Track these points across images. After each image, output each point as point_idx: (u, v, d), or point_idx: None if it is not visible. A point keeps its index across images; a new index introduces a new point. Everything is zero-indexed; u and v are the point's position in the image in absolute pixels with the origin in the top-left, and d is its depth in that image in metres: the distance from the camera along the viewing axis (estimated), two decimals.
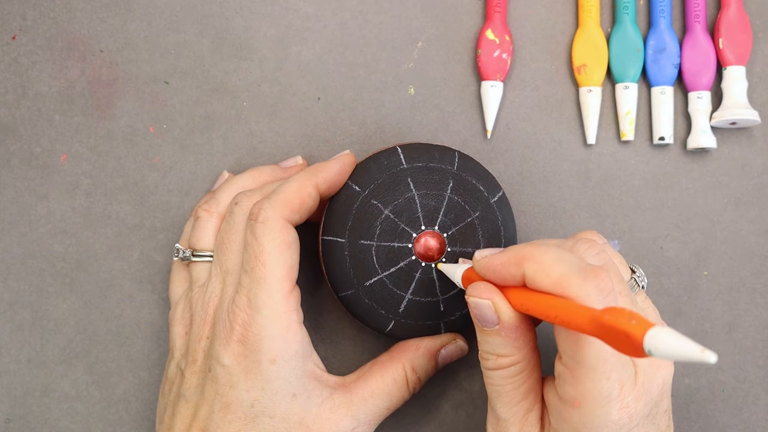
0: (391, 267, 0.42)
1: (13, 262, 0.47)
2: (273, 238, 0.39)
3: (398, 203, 0.42)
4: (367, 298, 0.42)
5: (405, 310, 0.42)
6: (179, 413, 0.40)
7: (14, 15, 0.48)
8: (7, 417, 0.46)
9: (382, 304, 0.42)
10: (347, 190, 0.42)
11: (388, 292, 0.42)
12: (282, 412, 0.39)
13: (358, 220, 0.42)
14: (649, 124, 0.47)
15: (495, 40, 0.46)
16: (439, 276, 0.42)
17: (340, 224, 0.42)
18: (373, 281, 0.42)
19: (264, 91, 0.47)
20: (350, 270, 0.42)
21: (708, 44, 0.46)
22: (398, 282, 0.42)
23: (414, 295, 0.42)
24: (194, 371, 0.40)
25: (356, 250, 0.42)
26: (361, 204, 0.42)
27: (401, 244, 0.42)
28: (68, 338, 0.47)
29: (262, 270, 0.39)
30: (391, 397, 0.41)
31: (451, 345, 0.43)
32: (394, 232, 0.42)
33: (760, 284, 0.46)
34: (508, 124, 0.47)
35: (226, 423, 0.38)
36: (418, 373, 0.42)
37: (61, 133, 0.47)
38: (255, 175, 0.44)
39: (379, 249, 0.42)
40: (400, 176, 0.42)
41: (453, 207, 0.42)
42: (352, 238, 0.42)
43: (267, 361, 0.38)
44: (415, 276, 0.42)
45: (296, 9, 0.48)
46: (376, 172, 0.42)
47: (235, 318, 0.39)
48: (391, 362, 0.42)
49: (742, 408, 0.46)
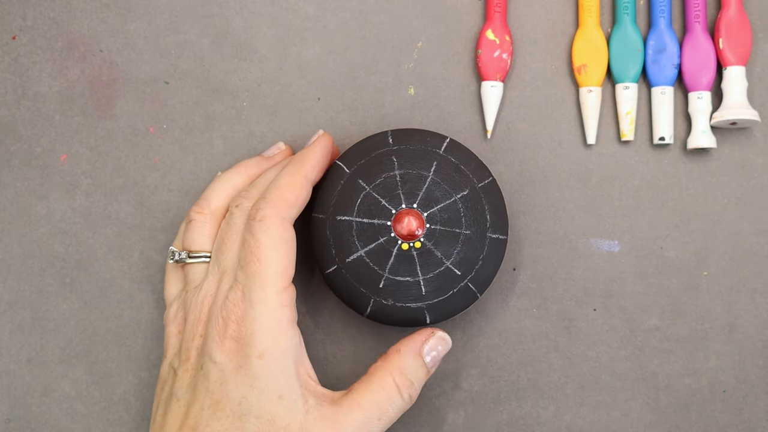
0: (370, 243, 0.42)
1: (13, 262, 0.47)
2: (269, 234, 0.39)
3: (381, 181, 0.42)
4: (349, 275, 0.42)
5: (384, 288, 0.42)
6: (171, 412, 0.40)
7: (14, 15, 0.48)
8: (7, 417, 0.46)
9: (362, 281, 0.42)
10: (335, 169, 0.43)
11: (368, 270, 0.42)
12: (268, 413, 0.38)
13: (341, 197, 0.42)
14: (649, 124, 0.47)
15: (495, 40, 0.46)
16: (419, 254, 0.42)
17: (326, 202, 0.43)
18: (353, 258, 0.42)
19: (264, 91, 0.47)
20: (332, 246, 0.42)
21: (708, 44, 0.46)
22: (377, 259, 0.42)
23: (392, 273, 0.42)
24: (186, 369, 0.40)
25: (337, 226, 0.42)
26: (346, 182, 0.43)
27: (380, 221, 0.42)
28: (68, 338, 0.47)
29: (257, 265, 0.39)
30: (381, 406, 0.40)
31: (431, 339, 0.42)
32: (374, 208, 0.42)
33: (760, 284, 0.46)
34: (508, 124, 0.47)
35: (215, 421, 0.38)
36: (408, 376, 0.41)
37: (61, 133, 0.47)
38: (242, 170, 0.45)
39: (359, 225, 0.42)
40: (386, 155, 0.43)
41: (435, 187, 0.42)
42: (335, 214, 0.42)
43: (255, 356, 0.38)
44: (392, 253, 0.42)
45: (296, 9, 0.48)
46: (364, 153, 0.43)
47: (229, 315, 0.39)
48: (376, 371, 0.41)
49: (742, 408, 0.46)
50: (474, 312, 0.46)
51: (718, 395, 0.46)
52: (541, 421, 0.46)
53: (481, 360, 0.46)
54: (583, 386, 0.46)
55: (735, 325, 0.46)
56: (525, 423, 0.46)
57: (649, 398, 0.46)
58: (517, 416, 0.46)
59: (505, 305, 0.46)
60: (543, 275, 0.46)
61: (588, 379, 0.46)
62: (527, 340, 0.46)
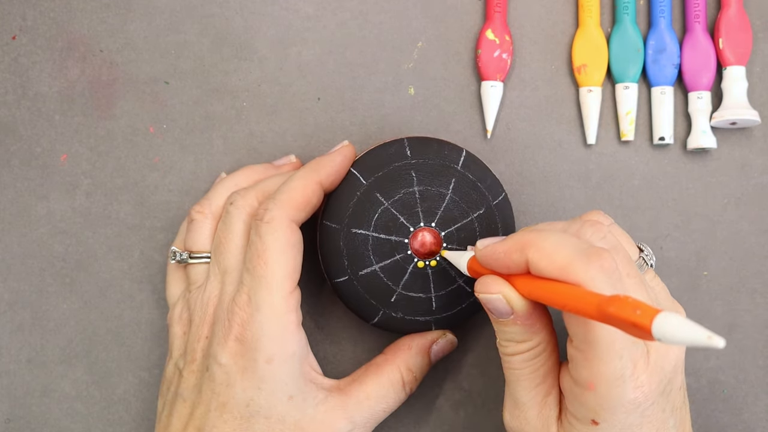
0: (386, 259, 0.42)
1: (13, 262, 0.47)
2: (277, 237, 0.39)
3: (399, 197, 0.42)
4: (360, 287, 0.42)
5: (395, 302, 0.42)
6: (176, 412, 0.40)
7: (14, 15, 0.48)
8: (7, 417, 0.46)
9: (373, 294, 0.42)
10: (351, 178, 0.42)
11: (381, 284, 0.42)
12: (278, 413, 0.39)
13: (358, 209, 0.42)
14: (649, 124, 0.47)
15: (495, 40, 0.46)
16: (433, 272, 0.42)
17: (340, 211, 0.42)
18: (367, 272, 0.42)
19: (264, 91, 0.47)
20: (345, 258, 0.42)
21: (708, 44, 0.46)
22: (391, 275, 0.42)
23: (405, 289, 0.42)
24: (192, 371, 0.40)
25: (352, 238, 0.42)
26: (363, 194, 0.42)
27: (398, 238, 0.42)
28: (68, 338, 0.47)
29: (264, 269, 0.39)
30: (387, 398, 0.41)
31: (441, 340, 0.43)
32: (392, 225, 0.42)
33: (760, 284, 0.46)
34: (508, 124, 0.47)
35: (222, 422, 0.38)
36: (413, 371, 0.42)
37: (61, 133, 0.47)
38: (248, 174, 0.44)
39: (375, 240, 0.42)
40: (404, 169, 0.42)
41: (454, 205, 0.42)
42: (350, 226, 0.42)
43: (263, 361, 0.39)
44: (407, 270, 0.42)
45: (296, 9, 0.48)
46: (381, 163, 0.42)
47: (234, 317, 0.39)
48: (385, 364, 0.42)
49: (742, 408, 0.46)
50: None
51: (718, 395, 0.46)
52: None
53: (481, 360, 0.46)
54: None
55: (735, 325, 0.46)
56: None
57: None
58: None
59: None
60: None
61: None
62: None
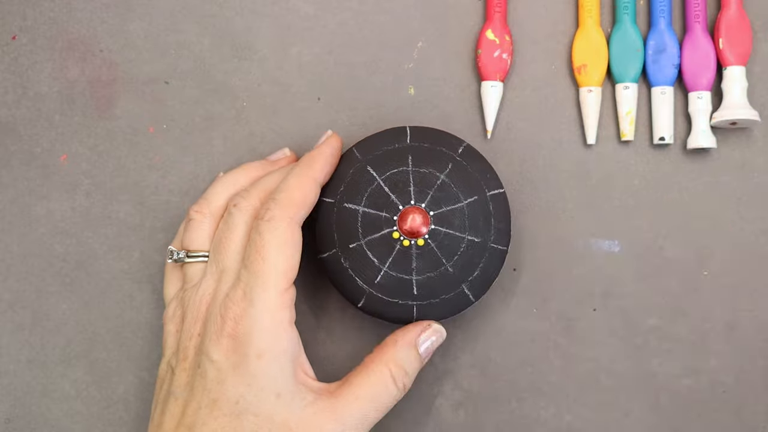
0: (373, 234, 0.42)
1: (13, 262, 0.47)
2: (276, 235, 0.40)
3: (392, 174, 0.42)
4: (346, 261, 0.42)
5: (380, 282, 0.42)
6: (168, 410, 0.40)
7: (14, 15, 0.48)
8: (7, 417, 0.46)
9: (359, 271, 0.42)
10: (349, 155, 0.43)
11: (367, 261, 0.42)
12: (266, 411, 0.39)
13: (352, 184, 0.42)
14: (649, 124, 0.47)
15: (495, 40, 0.46)
16: (420, 254, 0.42)
17: (334, 186, 0.43)
18: (354, 246, 0.42)
19: (264, 91, 0.47)
20: (334, 231, 0.42)
21: (708, 44, 0.46)
22: (378, 252, 0.42)
23: (390, 268, 0.42)
24: (184, 368, 0.40)
25: (343, 212, 0.42)
26: (357, 170, 0.43)
27: (387, 215, 0.42)
28: (68, 338, 0.47)
29: (261, 264, 0.39)
30: (378, 397, 0.41)
31: (427, 330, 0.43)
32: (383, 201, 0.42)
33: (760, 284, 0.46)
34: (508, 124, 0.47)
35: (212, 419, 0.38)
36: (403, 366, 0.41)
37: (61, 133, 0.47)
38: (245, 171, 0.45)
39: (365, 215, 0.42)
40: (402, 151, 0.43)
41: (447, 189, 0.42)
42: (341, 200, 0.42)
43: (254, 356, 0.39)
44: (395, 248, 0.42)
45: (296, 9, 0.48)
46: (380, 144, 0.43)
47: (228, 312, 0.39)
48: (372, 363, 0.41)
49: (742, 408, 0.46)
50: (474, 312, 0.46)
51: (718, 395, 0.46)
52: (541, 421, 0.46)
53: (481, 360, 0.46)
54: (583, 386, 0.46)
55: (735, 325, 0.46)
56: (525, 423, 0.46)
57: (649, 398, 0.46)
58: (517, 416, 0.46)
59: (505, 305, 0.46)
60: (543, 275, 0.46)
61: (588, 379, 0.46)
62: (527, 340, 0.46)
